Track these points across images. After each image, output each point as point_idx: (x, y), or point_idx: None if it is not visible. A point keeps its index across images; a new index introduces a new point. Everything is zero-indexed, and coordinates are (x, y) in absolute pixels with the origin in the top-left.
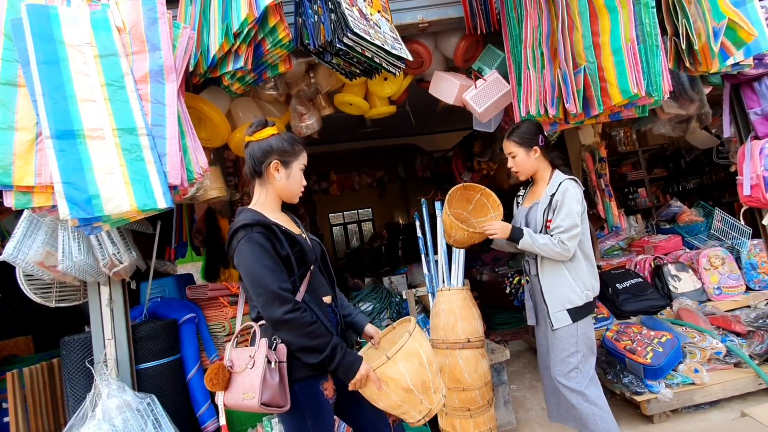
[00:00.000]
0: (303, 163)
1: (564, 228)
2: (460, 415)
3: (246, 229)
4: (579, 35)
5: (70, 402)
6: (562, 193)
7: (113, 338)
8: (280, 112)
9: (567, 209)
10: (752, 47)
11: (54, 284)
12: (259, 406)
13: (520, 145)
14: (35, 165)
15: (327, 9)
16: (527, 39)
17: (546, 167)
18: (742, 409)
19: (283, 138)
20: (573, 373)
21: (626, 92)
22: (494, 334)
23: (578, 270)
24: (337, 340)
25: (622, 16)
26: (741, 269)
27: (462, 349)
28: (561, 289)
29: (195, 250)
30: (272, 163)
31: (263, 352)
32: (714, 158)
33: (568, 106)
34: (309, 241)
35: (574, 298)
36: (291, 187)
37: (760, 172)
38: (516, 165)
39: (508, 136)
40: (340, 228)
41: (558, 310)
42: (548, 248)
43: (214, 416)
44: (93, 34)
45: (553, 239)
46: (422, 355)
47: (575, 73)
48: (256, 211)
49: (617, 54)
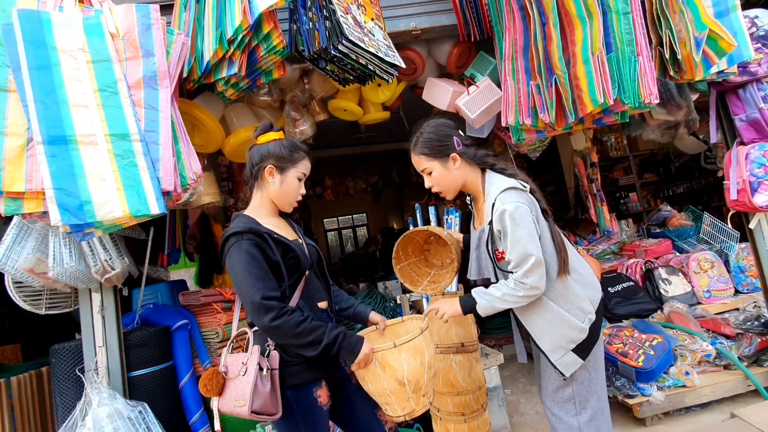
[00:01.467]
0: (302, 171)
1: (515, 263)
2: (454, 419)
3: (237, 236)
4: (555, 46)
5: (60, 411)
6: (498, 220)
7: (104, 345)
8: (274, 117)
9: (510, 238)
10: (735, 56)
11: (44, 291)
12: (250, 414)
13: (431, 157)
14: (26, 171)
15: (322, 16)
16: (507, 51)
17: (476, 176)
18: (731, 411)
19: (283, 144)
20: (569, 405)
21: (595, 101)
22: (488, 339)
23: (567, 295)
24: (333, 325)
25: (592, 26)
26: (730, 272)
27: (456, 353)
28: (556, 330)
29: (188, 256)
30: (267, 167)
31: (255, 360)
32: (702, 163)
33: (542, 116)
34: (306, 246)
35: (575, 334)
36: (284, 193)
37: (746, 176)
38: (435, 184)
39: (413, 148)
40: (334, 233)
41: (561, 356)
42: (513, 298)
43: (206, 424)
44: (86, 40)
45: (508, 284)
46: (425, 356)
47: (548, 85)
48: (250, 217)
49: (587, 64)
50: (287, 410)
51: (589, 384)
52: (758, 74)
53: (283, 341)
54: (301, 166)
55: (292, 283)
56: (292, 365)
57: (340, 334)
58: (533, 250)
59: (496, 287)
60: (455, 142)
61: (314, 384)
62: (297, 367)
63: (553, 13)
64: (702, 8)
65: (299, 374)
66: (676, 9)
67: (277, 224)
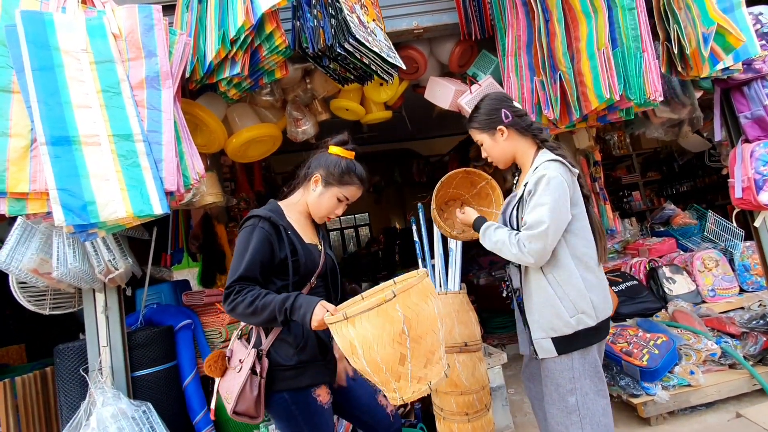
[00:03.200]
0: (345, 194)
1: (527, 224)
2: (458, 419)
3: (254, 219)
4: (558, 42)
5: (64, 411)
6: (534, 182)
7: (108, 345)
8: (276, 117)
9: (535, 200)
10: (741, 52)
11: (48, 291)
12: (231, 414)
13: (480, 130)
14: (30, 171)
15: (327, 14)
16: (510, 47)
17: (527, 147)
18: (737, 410)
19: (341, 164)
20: (574, 417)
21: (601, 97)
22: (491, 338)
23: (567, 285)
24: (284, 296)
25: (597, 21)
26: (734, 271)
27: (459, 353)
28: (543, 311)
29: (191, 256)
30: (315, 175)
31: (250, 362)
32: (706, 161)
33: (546, 112)
34: (323, 254)
35: (559, 324)
36: (319, 205)
37: (751, 174)
38: (487, 155)
39: (468, 122)
40: (336, 233)
41: (541, 337)
42: (504, 247)
43: (210, 424)
44: (89, 41)
45: (510, 235)
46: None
47: (552, 81)
48: (278, 206)
49: (592, 59)
50: (287, 412)
51: (589, 403)
52: (763, 71)
53: (248, 321)
54: (346, 190)
55: (295, 283)
56: (285, 369)
57: (287, 309)
58: (550, 220)
59: (502, 229)
60: (503, 114)
61: (313, 386)
62: (291, 371)
63: (557, 8)
64: (709, 3)
65: (292, 379)
66: (682, 5)
67: (302, 223)
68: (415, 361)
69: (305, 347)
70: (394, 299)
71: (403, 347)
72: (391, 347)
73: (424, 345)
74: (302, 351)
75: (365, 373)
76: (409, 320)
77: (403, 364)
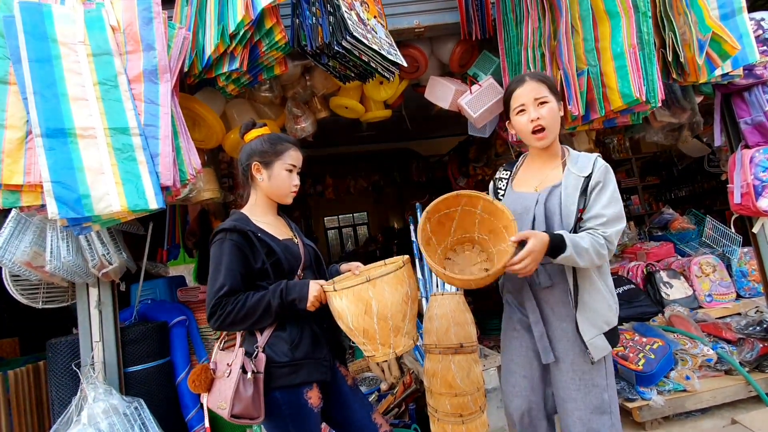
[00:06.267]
0: (289, 162)
1: (607, 218)
2: (452, 420)
3: (222, 233)
4: (580, 39)
5: (56, 406)
6: (602, 173)
7: (101, 341)
8: (275, 114)
9: (611, 193)
10: (740, 58)
11: (41, 285)
12: (230, 418)
13: (552, 93)
14: (24, 163)
15: (325, 11)
16: (527, 40)
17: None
18: (732, 417)
19: (263, 139)
20: (605, 418)
21: (628, 96)
22: (487, 340)
23: (608, 276)
24: (274, 285)
25: (624, 22)
26: (732, 277)
27: (455, 354)
28: (597, 306)
29: (188, 252)
30: (253, 165)
31: (239, 363)
32: (705, 166)
33: (570, 107)
34: (303, 246)
35: (611, 316)
36: (275, 187)
37: (750, 180)
38: (546, 118)
39: (532, 76)
40: (335, 231)
41: (593, 336)
42: (595, 253)
43: (203, 421)
44: (87, 33)
45: (596, 237)
46: (373, 307)
47: (578, 75)
48: (242, 215)
49: (619, 59)
50: (276, 411)
51: (615, 402)
52: (764, 77)
53: (240, 328)
54: (287, 157)
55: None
56: (281, 366)
57: (282, 291)
58: (623, 213)
59: (580, 236)
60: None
61: (304, 386)
62: (286, 368)
63: (580, 6)
64: (706, 10)
65: (287, 376)
66: (680, 11)
67: (271, 223)
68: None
69: (300, 343)
70: (367, 283)
71: (371, 319)
72: (363, 318)
73: (392, 320)
74: (297, 347)
75: (349, 333)
76: (378, 301)
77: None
